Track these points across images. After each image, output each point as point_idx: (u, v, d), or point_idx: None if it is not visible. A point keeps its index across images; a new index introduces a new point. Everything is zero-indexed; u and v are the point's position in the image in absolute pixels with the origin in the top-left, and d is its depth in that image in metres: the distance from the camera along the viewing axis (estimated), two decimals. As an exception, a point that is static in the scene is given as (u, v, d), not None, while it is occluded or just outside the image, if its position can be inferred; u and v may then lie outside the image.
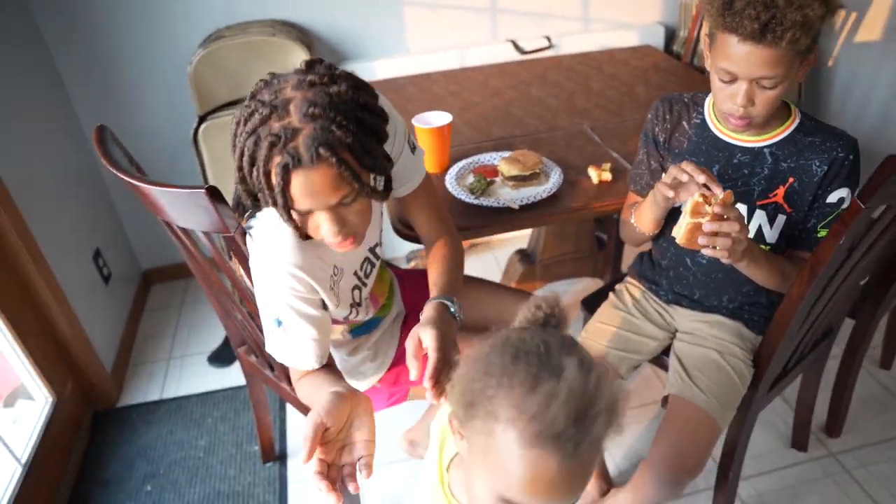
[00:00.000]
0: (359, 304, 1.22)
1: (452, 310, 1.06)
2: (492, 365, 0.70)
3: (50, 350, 1.88)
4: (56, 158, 2.03)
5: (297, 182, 0.87)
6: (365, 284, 1.21)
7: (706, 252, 1.05)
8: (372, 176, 0.94)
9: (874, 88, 2.30)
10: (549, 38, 2.35)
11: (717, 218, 1.01)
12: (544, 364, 0.68)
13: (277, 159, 0.86)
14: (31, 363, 1.78)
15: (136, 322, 2.41)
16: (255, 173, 0.89)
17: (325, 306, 1.10)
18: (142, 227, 2.49)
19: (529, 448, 0.65)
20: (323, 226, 0.94)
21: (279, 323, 1.05)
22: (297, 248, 1.01)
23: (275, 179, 0.87)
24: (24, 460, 1.67)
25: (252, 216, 1.04)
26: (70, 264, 1.98)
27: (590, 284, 2.32)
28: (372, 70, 2.24)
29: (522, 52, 2.33)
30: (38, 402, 1.84)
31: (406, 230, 1.42)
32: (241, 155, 0.90)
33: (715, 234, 1.01)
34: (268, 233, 1.01)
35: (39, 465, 1.71)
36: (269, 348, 1.09)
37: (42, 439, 1.75)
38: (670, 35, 2.47)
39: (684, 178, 1.06)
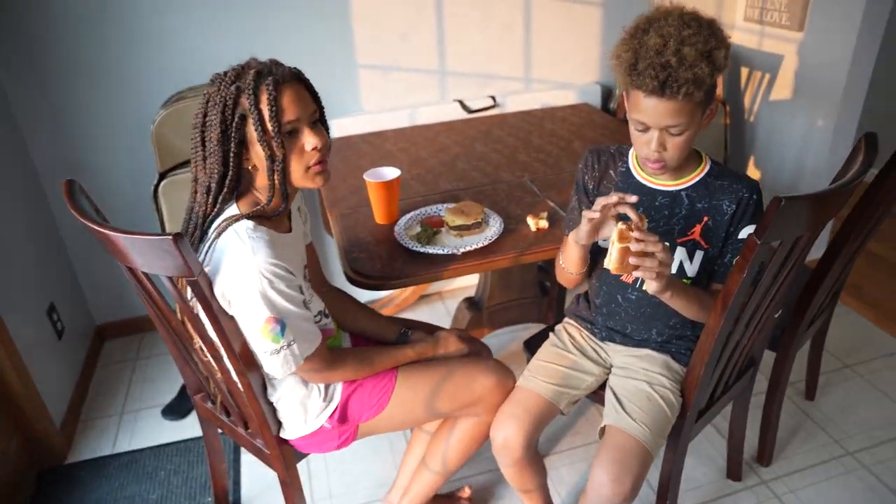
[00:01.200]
0: (323, 310, 1.38)
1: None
2: None
3: (-3, 405, 1.86)
4: (11, 213, 2.06)
5: (286, 93, 1.15)
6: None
7: (637, 274, 1.16)
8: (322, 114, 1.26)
9: (789, 139, 2.52)
10: (494, 98, 2.51)
11: (641, 239, 1.13)
12: None
13: (267, 80, 1.13)
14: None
15: (88, 377, 2.40)
16: (238, 109, 1.14)
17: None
18: (96, 283, 2.51)
19: None
20: (308, 140, 1.19)
21: (282, 327, 1.16)
22: (270, 245, 1.18)
23: (265, 97, 1.13)
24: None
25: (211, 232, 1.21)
26: (24, 319, 1.98)
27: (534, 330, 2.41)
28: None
29: (469, 110, 2.48)
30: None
31: (357, 276, 1.50)
32: (224, 107, 1.14)
33: (643, 254, 1.13)
34: (242, 243, 1.16)
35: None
36: (274, 364, 1.20)
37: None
38: (607, 93, 2.66)
39: (613, 199, 1.18)
